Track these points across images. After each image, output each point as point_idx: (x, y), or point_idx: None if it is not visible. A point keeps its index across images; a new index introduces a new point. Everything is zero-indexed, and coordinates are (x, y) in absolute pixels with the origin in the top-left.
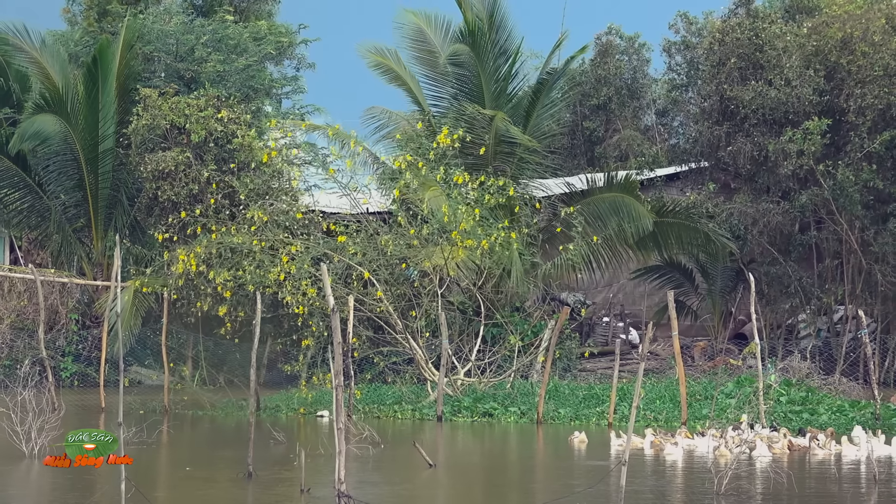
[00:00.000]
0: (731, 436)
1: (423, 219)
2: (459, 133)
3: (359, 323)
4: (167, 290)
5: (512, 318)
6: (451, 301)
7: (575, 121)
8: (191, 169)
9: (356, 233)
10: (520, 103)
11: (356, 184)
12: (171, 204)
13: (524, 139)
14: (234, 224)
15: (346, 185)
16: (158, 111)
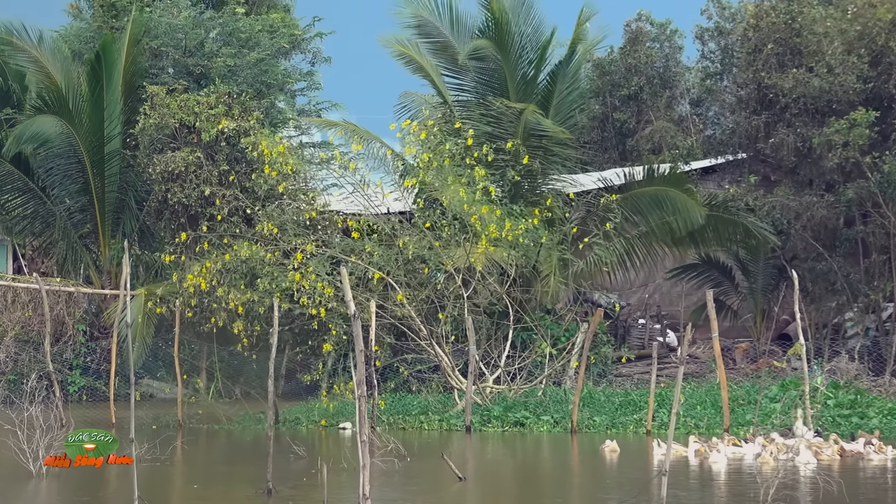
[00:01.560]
0: (777, 442)
1: (451, 217)
2: (487, 148)
3: (381, 329)
4: (179, 301)
5: (542, 321)
6: (478, 304)
7: (605, 112)
8: (202, 170)
9: (374, 234)
10: (548, 95)
11: (377, 182)
12: (181, 207)
13: (558, 131)
14: (249, 230)
15: (361, 182)
16: (167, 109)
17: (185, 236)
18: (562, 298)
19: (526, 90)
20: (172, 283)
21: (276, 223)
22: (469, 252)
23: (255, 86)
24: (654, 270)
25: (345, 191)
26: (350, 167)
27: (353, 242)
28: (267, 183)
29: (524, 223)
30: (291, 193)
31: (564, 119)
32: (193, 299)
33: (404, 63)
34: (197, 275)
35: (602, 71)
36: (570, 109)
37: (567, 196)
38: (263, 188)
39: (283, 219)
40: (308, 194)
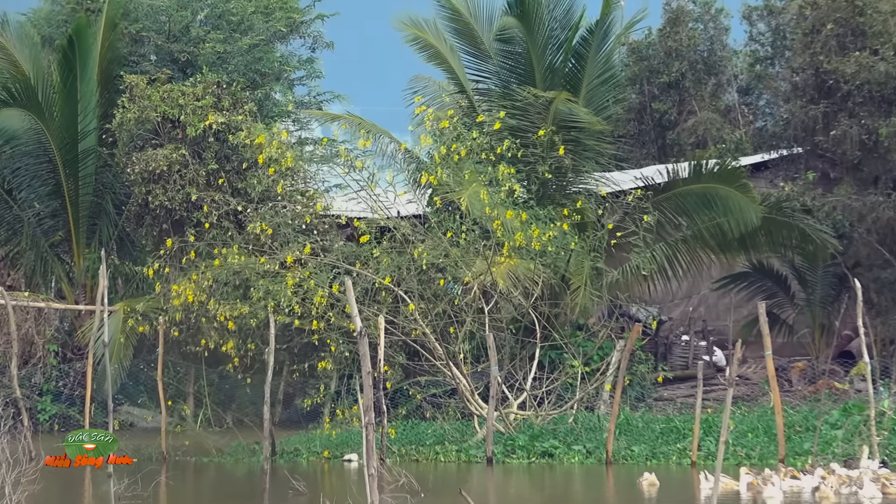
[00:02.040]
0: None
1: (470, 221)
2: (509, 143)
3: (391, 348)
4: (163, 318)
5: (573, 338)
6: (500, 319)
7: (642, 103)
8: (187, 169)
9: (381, 240)
10: (577, 83)
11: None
12: (164, 211)
13: (594, 122)
14: (241, 237)
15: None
16: (148, 101)
17: (171, 243)
18: (595, 312)
19: (553, 78)
20: (155, 298)
21: (270, 226)
22: (490, 262)
23: (248, 75)
24: (699, 280)
25: (349, 191)
26: (357, 164)
27: (359, 248)
28: (262, 183)
29: (552, 228)
30: (289, 195)
31: (597, 110)
32: (179, 313)
33: (418, 49)
34: (183, 287)
35: (639, 56)
36: (603, 99)
37: (601, 197)
38: (258, 189)
39: (277, 221)
40: (306, 195)
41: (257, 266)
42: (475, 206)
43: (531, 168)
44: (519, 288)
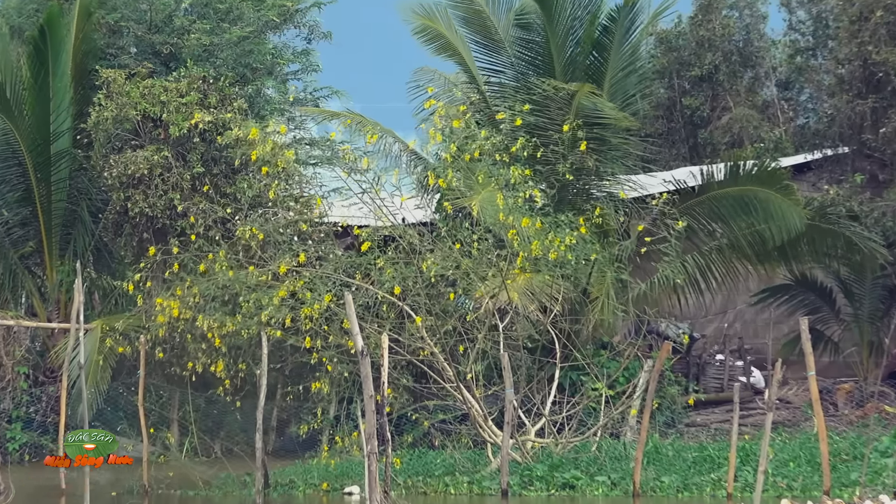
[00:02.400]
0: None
1: (483, 229)
2: (522, 141)
3: (395, 369)
4: (145, 337)
5: (596, 358)
6: (516, 338)
7: (671, 98)
8: (170, 173)
9: (385, 249)
10: (600, 76)
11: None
12: (145, 219)
13: (621, 118)
14: (229, 245)
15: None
16: (127, 98)
17: (154, 251)
18: (620, 329)
19: (574, 70)
20: (136, 315)
21: (261, 231)
22: (505, 275)
23: (237, 69)
24: (735, 293)
25: (349, 196)
26: (364, 162)
27: (360, 258)
28: (252, 188)
29: (570, 235)
30: (282, 201)
31: (622, 107)
32: (163, 330)
33: (426, 39)
34: (167, 302)
35: (668, 46)
36: (628, 94)
37: (626, 202)
38: (248, 194)
39: (268, 228)
40: (300, 201)
41: (248, 279)
42: (488, 212)
43: (550, 169)
44: (535, 303)
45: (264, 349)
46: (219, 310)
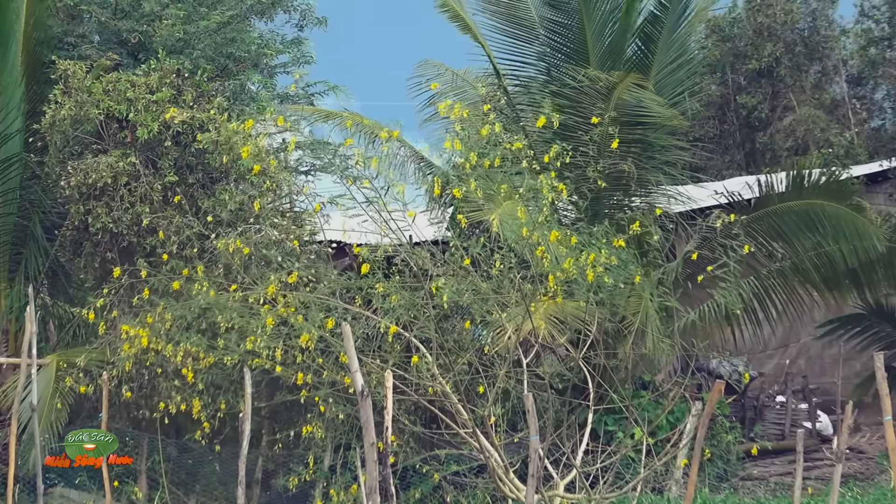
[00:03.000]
0: None
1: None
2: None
3: (401, 410)
4: (108, 374)
5: (637, 399)
6: (542, 375)
7: (725, 96)
8: (138, 182)
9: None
10: (644, 69)
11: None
12: (109, 236)
13: (669, 115)
14: (206, 265)
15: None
16: (88, 95)
17: (119, 272)
18: (664, 366)
19: (613, 62)
20: (99, 348)
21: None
22: (529, 300)
23: (218, 60)
24: (799, 325)
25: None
26: (373, 163)
27: (360, 281)
28: (234, 200)
29: (607, 253)
30: (267, 216)
31: (668, 105)
32: (129, 363)
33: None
34: (135, 330)
35: (721, 36)
36: (675, 91)
37: (672, 216)
38: (230, 207)
39: (253, 241)
40: (288, 216)
41: (230, 303)
42: (508, 227)
43: (580, 175)
44: (566, 334)
45: (247, 386)
46: (195, 338)
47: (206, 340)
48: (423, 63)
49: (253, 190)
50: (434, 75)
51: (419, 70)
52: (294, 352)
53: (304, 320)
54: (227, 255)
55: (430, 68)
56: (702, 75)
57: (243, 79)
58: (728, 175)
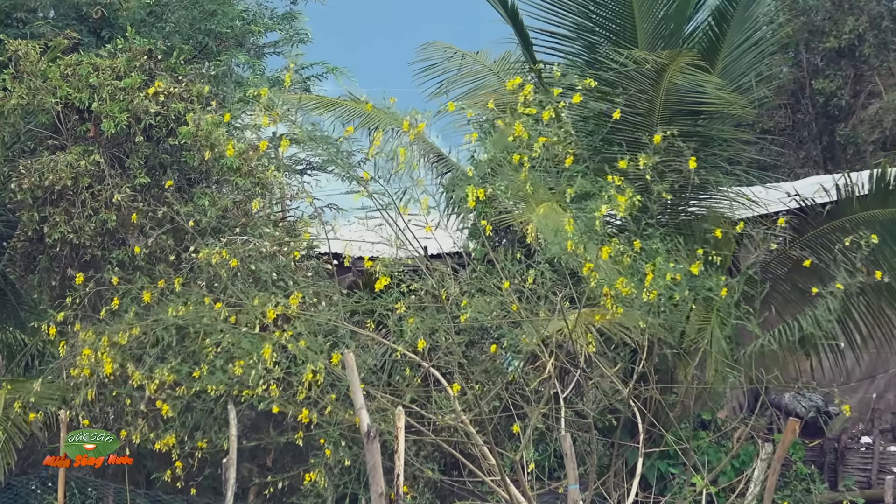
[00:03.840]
0: None
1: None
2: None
3: (416, 453)
4: (66, 413)
5: (696, 440)
6: (583, 413)
7: (798, 80)
8: (103, 185)
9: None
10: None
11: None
12: (68, 248)
13: (731, 101)
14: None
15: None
16: (42, 81)
17: (82, 279)
18: (727, 401)
19: (667, 41)
20: (56, 380)
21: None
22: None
23: (195, 38)
24: (889, 351)
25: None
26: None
27: (374, 301)
28: (216, 206)
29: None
30: (254, 226)
31: (733, 91)
32: (91, 391)
33: None
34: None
35: (793, 9)
36: (741, 75)
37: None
38: (211, 213)
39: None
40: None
41: (214, 323)
42: (547, 233)
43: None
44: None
45: (232, 425)
46: (173, 363)
47: (187, 367)
48: (429, 45)
49: (237, 194)
50: (442, 59)
51: (424, 52)
52: (295, 386)
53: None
54: (209, 270)
55: (438, 50)
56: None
57: (226, 60)
58: (803, 174)
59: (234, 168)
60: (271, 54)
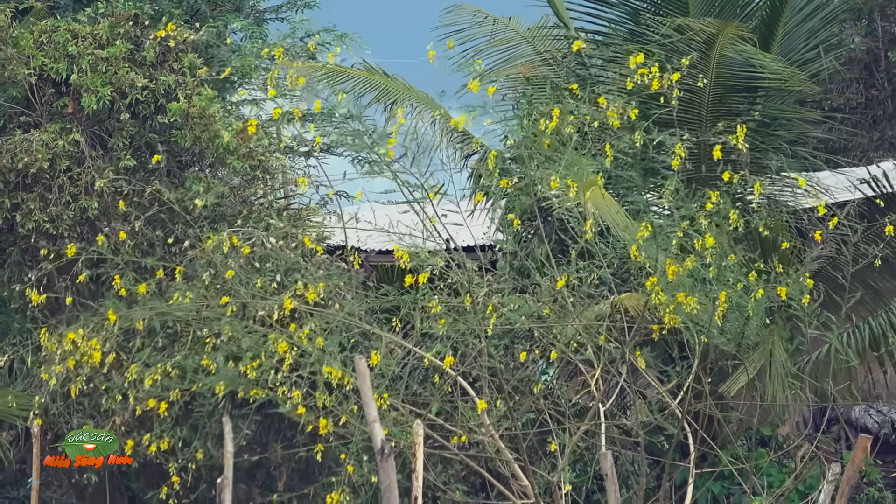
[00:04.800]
0: None
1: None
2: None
3: (440, 471)
4: (39, 424)
5: (756, 459)
6: (626, 427)
7: (871, 51)
8: (83, 167)
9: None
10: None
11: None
12: (44, 240)
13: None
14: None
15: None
16: (14, 49)
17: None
18: (789, 417)
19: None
20: (27, 391)
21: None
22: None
23: (188, 2)
24: None
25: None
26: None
27: (396, 296)
28: (211, 192)
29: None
30: (258, 215)
31: (796, 64)
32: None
33: None
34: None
35: None
36: (804, 45)
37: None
38: (206, 200)
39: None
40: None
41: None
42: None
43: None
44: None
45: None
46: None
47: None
48: (455, 8)
49: (235, 178)
50: (470, 24)
51: (450, 16)
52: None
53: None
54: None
55: (465, 14)
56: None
57: (221, 26)
58: (877, 157)
59: (231, 149)
60: (273, 20)
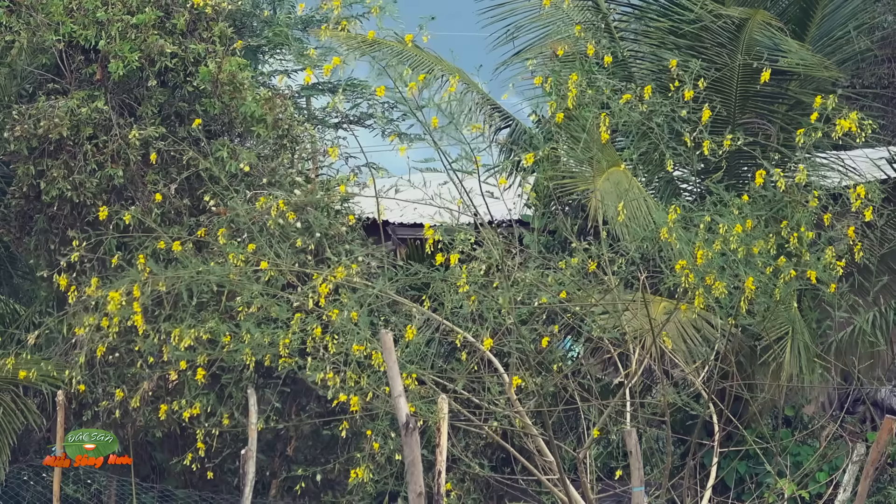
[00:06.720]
0: None
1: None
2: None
3: (464, 447)
4: (63, 392)
5: (782, 439)
6: (652, 405)
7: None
8: (109, 135)
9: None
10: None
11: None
12: (69, 208)
13: (814, 64)
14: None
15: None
16: (43, 16)
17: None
18: (814, 397)
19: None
20: (54, 358)
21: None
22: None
23: None
24: None
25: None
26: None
27: (432, 272)
28: (242, 160)
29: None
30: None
31: (825, 48)
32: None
33: None
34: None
35: None
36: (839, 26)
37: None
38: (234, 167)
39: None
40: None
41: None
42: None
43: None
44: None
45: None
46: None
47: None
48: None
49: (263, 147)
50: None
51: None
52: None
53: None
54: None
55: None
56: (875, 2)
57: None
58: None
59: (258, 118)
60: None
